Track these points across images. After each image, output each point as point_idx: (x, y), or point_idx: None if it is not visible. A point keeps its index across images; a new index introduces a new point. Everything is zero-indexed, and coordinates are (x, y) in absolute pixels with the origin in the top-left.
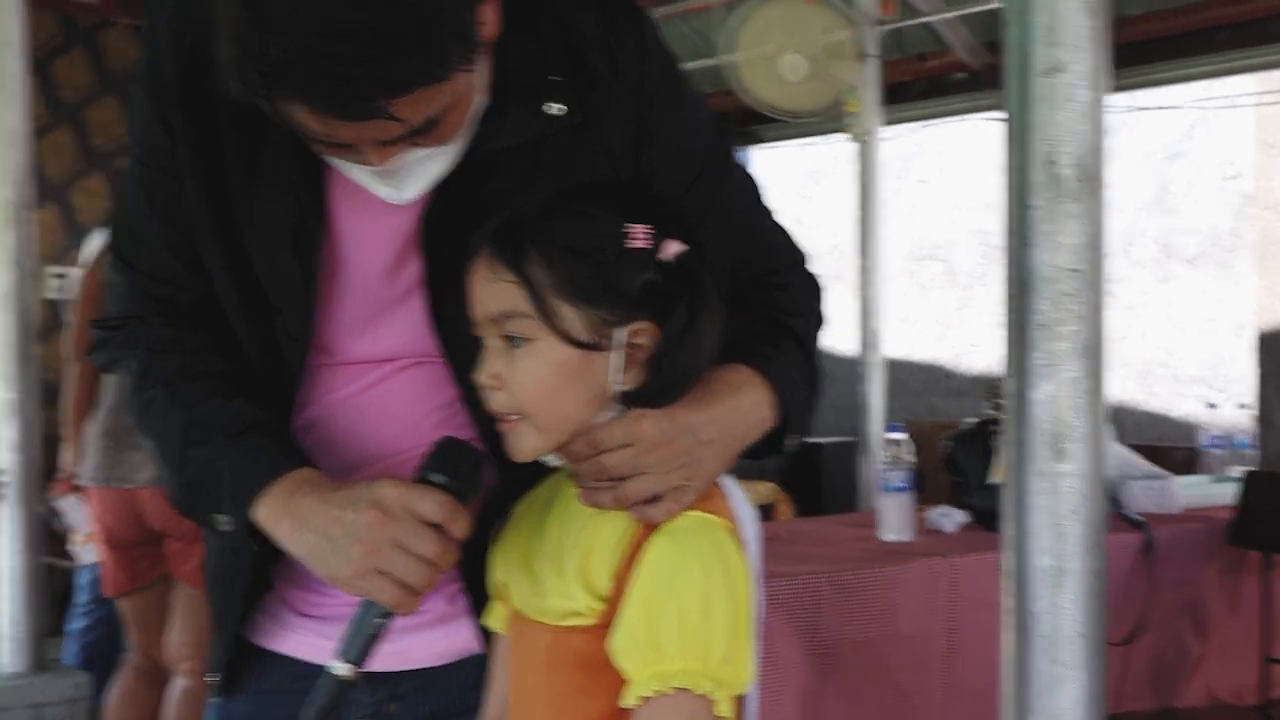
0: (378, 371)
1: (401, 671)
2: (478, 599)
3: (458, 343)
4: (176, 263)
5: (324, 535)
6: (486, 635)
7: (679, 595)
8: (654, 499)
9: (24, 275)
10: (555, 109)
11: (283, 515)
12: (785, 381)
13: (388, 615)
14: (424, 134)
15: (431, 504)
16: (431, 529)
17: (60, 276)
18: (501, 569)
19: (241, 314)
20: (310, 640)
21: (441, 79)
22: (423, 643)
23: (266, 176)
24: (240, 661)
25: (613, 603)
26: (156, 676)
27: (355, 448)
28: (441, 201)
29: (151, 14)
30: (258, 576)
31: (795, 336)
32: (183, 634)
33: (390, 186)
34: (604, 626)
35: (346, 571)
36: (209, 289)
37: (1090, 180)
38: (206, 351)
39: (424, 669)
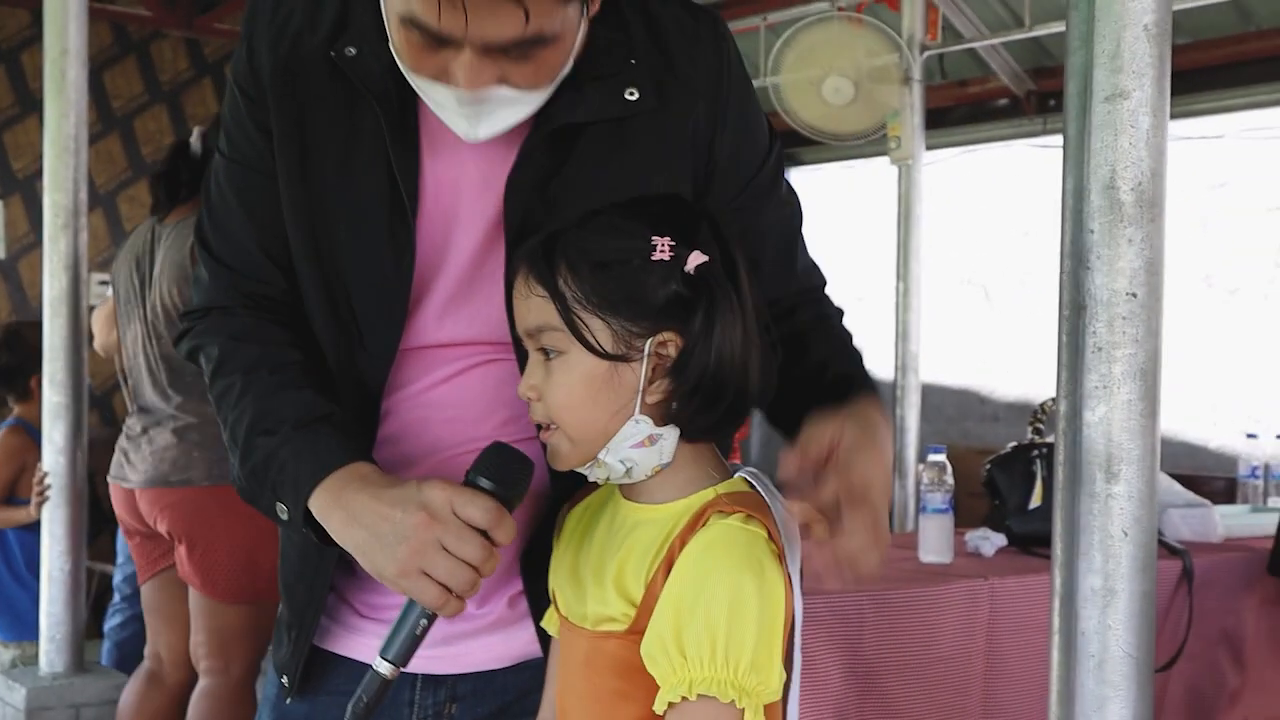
0: (456, 365)
1: (461, 674)
2: (537, 604)
3: None
4: (261, 256)
5: (372, 532)
6: (546, 639)
7: (707, 603)
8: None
9: (76, 280)
10: (632, 93)
11: (334, 507)
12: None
13: (431, 617)
14: (518, 58)
15: (477, 509)
16: (476, 533)
17: (105, 283)
18: (553, 576)
19: (323, 304)
20: (371, 644)
21: None
22: (482, 646)
23: (361, 167)
24: (305, 663)
25: (643, 608)
26: (160, 680)
27: (429, 436)
28: (522, 178)
29: (251, 14)
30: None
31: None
32: (197, 634)
33: (466, 119)
34: (636, 633)
35: (391, 569)
36: (292, 283)
37: (1150, 205)
38: (284, 342)
39: (483, 671)
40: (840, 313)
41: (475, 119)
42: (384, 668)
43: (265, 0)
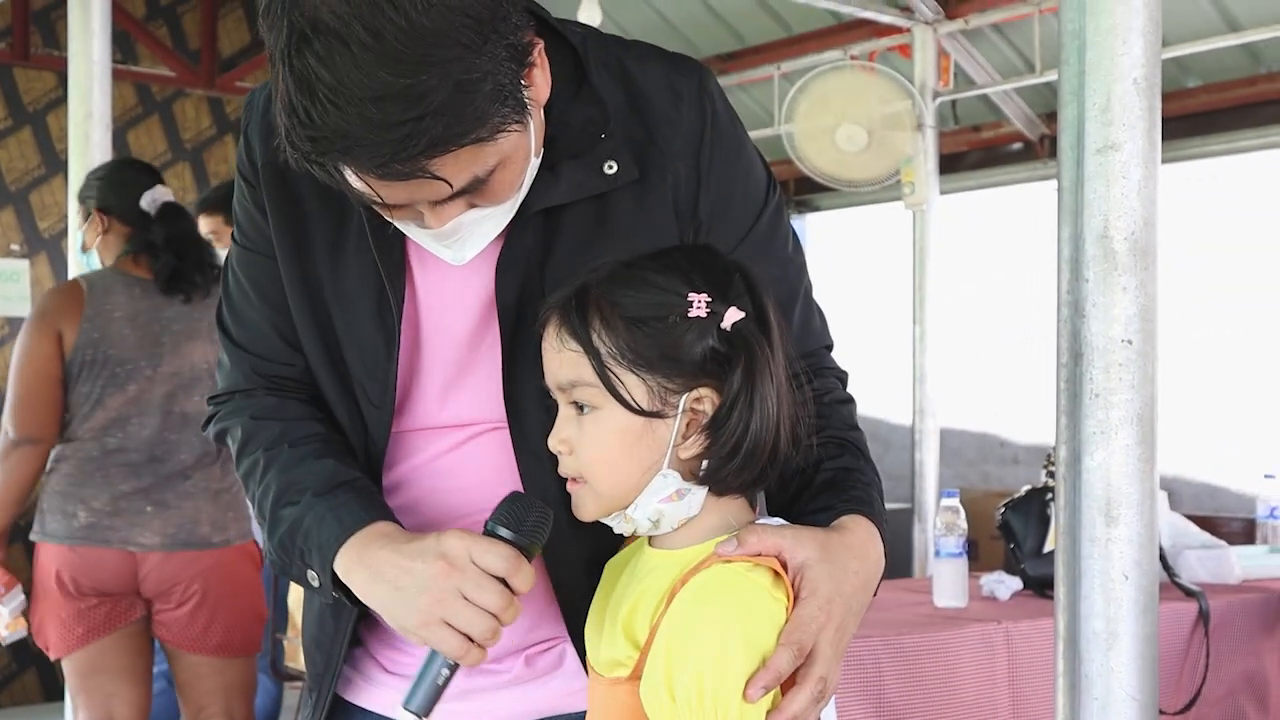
0: (457, 435)
1: None
2: (554, 663)
3: (520, 405)
4: (278, 338)
5: (394, 586)
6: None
7: (696, 651)
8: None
9: None
10: (610, 167)
11: (357, 566)
12: (881, 514)
13: (453, 667)
14: (473, 194)
15: (495, 557)
16: (495, 581)
17: None
18: (587, 625)
19: (332, 385)
20: (391, 698)
21: (483, 139)
22: (503, 702)
23: (350, 253)
24: (327, 714)
25: (644, 652)
26: None
27: (434, 510)
28: (511, 260)
29: (246, 111)
30: (354, 635)
31: (862, 452)
32: (201, 695)
33: (448, 248)
34: (639, 678)
35: (413, 621)
36: (309, 362)
37: (1143, 254)
38: (305, 417)
39: None
40: (843, 380)
41: (457, 245)
42: (408, 718)
43: (259, 94)
